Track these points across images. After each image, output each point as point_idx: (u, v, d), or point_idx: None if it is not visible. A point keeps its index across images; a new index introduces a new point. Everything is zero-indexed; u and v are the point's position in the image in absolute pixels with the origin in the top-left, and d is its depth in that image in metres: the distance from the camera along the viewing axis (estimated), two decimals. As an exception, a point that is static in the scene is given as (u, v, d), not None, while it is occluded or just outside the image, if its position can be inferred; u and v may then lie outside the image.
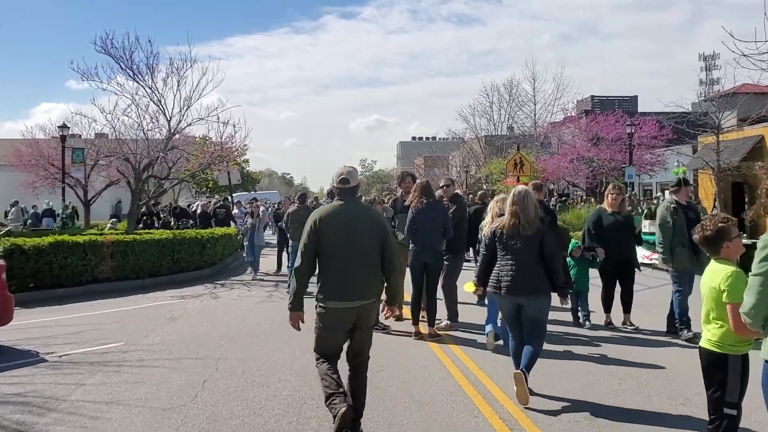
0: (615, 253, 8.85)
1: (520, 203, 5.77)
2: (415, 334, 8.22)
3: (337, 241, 4.73)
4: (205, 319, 10.07)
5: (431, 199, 8.18)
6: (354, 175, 4.98)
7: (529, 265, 5.69)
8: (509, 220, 5.79)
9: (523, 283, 5.68)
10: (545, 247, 5.71)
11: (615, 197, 9.04)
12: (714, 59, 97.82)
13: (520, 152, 22.81)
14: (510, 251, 5.76)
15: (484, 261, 6.01)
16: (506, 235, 5.77)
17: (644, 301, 10.99)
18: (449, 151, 57.75)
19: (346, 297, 4.70)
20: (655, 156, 28.89)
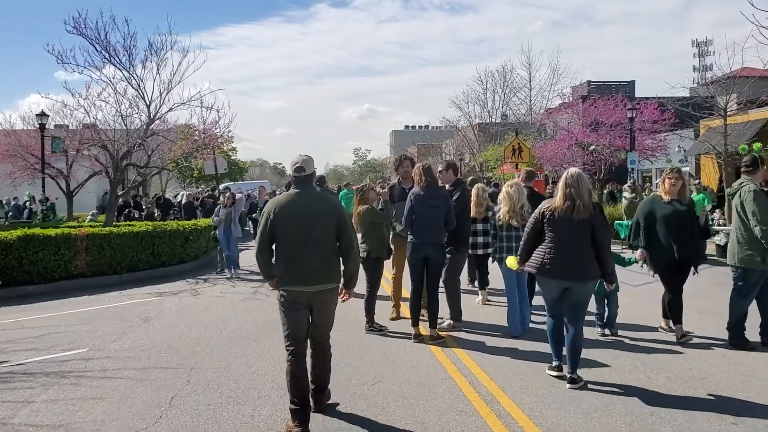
0: (671, 252, 7.12)
1: (574, 185, 5.62)
2: (414, 337, 7.33)
3: (293, 228, 4.87)
4: (182, 320, 9.16)
5: (432, 184, 7.27)
6: (309, 163, 5.08)
7: (579, 249, 5.62)
8: (563, 203, 5.64)
9: (572, 267, 5.61)
10: (597, 233, 5.63)
11: (674, 182, 7.27)
12: (707, 45, 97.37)
13: (518, 137, 21.88)
14: (561, 234, 5.67)
15: (528, 241, 5.92)
16: (558, 217, 5.65)
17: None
18: (443, 140, 56.82)
19: (303, 282, 4.86)
20: (657, 141, 28.01)
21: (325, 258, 4.91)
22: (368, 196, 8.03)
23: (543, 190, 19.58)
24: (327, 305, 5.03)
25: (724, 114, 19.08)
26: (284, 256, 4.92)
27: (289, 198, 4.97)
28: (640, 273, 12.57)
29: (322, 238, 4.89)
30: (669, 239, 7.14)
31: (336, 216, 4.98)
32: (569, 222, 5.61)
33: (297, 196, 4.96)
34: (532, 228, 5.91)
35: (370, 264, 7.85)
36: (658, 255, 7.28)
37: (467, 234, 8.11)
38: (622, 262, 7.76)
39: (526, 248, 5.97)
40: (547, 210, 5.77)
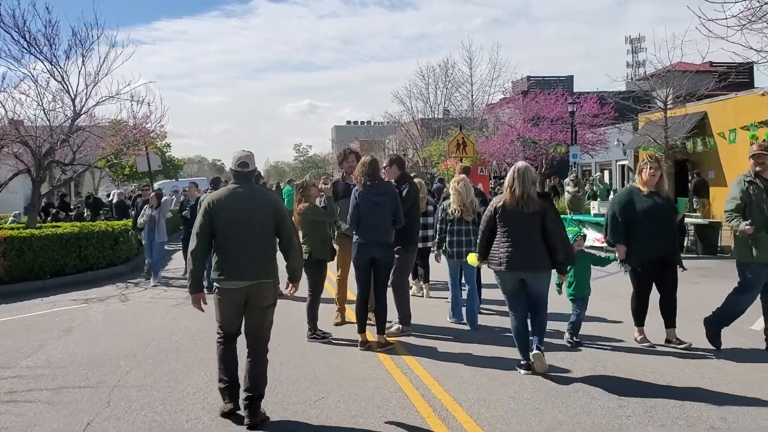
0: (650, 248, 6.67)
1: (520, 178, 5.75)
2: (361, 344, 6.81)
3: (231, 223, 4.87)
4: (108, 330, 8.40)
5: (378, 180, 6.76)
6: (252, 159, 5.11)
7: (532, 241, 5.74)
8: (511, 197, 5.77)
9: (525, 259, 5.73)
10: (548, 223, 5.74)
11: (653, 172, 6.63)
12: (640, 42, 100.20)
13: (462, 132, 21.62)
14: (513, 227, 5.78)
15: (484, 237, 6.01)
16: (509, 210, 5.77)
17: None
18: (385, 135, 56.41)
19: (239, 276, 4.83)
20: (597, 135, 28.27)
21: (262, 253, 4.90)
22: (310, 193, 7.45)
23: (487, 186, 19.33)
24: (261, 300, 4.94)
25: (665, 107, 19.25)
26: (222, 251, 4.89)
27: (227, 193, 4.96)
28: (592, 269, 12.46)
29: (260, 234, 4.89)
30: (650, 234, 6.59)
31: (274, 211, 4.97)
32: (520, 215, 5.73)
33: (236, 191, 4.95)
34: (486, 224, 5.98)
35: (312, 267, 7.29)
36: (636, 252, 6.72)
37: (416, 232, 7.65)
38: (601, 262, 7.27)
39: (482, 244, 6.04)
40: (498, 205, 5.86)
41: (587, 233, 16.72)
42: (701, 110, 23.08)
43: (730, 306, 6.72)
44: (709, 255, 14.73)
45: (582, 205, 18.97)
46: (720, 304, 6.84)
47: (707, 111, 22.83)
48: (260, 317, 4.96)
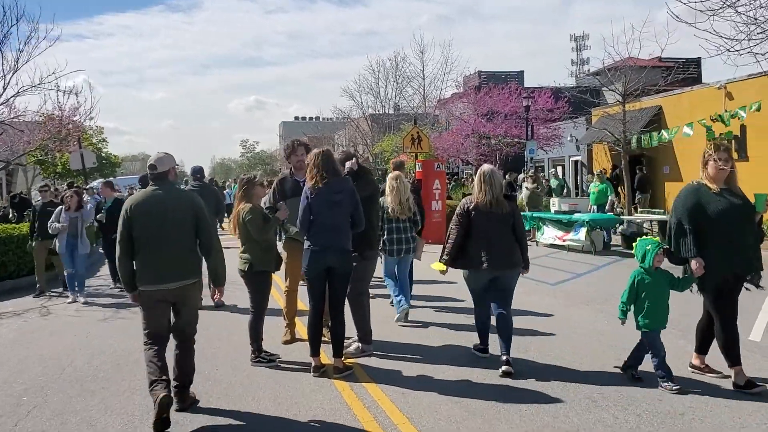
0: (730, 260, 5.26)
1: (490, 181, 5.91)
2: (314, 369, 5.80)
3: (148, 226, 4.83)
4: (17, 353, 7.18)
5: (334, 176, 5.77)
6: (164, 161, 5.06)
7: (506, 240, 5.93)
8: (483, 198, 5.90)
9: (504, 258, 5.89)
10: (517, 224, 6.03)
11: (723, 165, 5.27)
12: (584, 39, 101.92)
13: (417, 126, 20.77)
14: (488, 228, 5.90)
15: (458, 239, 6.01)
16: (482, 212, 5.89)
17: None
18: (335, 131, 55.22)
19: (161, 280, 4.82)
20: (551, 130, 27.85)
21: (182, 255, 4.91)
22: (253, 192, 6.38)
23: (444, 183, 18.53)
24: (189, 300, 5.03)
25: (623, 100, 18.79)
26: (142, 254, 4.86)
27: (144, 195, 4.95)
28: (557, 270, 11.86)
29: (179, 235, 4.89)
30: (729, 243, 5.21)
31: (192, 211, 4.98)
32: (493, 215, 5.85)
33: (152, 192, 4.93)
34: (460, 226, 5.99)
35: (253, 279, 6.24)
36: (712, 266, 5.25)
37: (376, 234, 6.69)
38: (681, 284, 5.61)
39: (456, 247, 6.02)
40: (470, 207, 5.95)
41: (546, 231, 16.10)
42: (656, 104, 22.85)
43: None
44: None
45: (540, 201, 18.36)
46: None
47: (662, 105, 22.61)
48: (188, 317, 5.04)
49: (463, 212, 5.95)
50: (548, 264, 12.86)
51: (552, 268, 12.24)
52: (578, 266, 12.35)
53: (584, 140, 26.97)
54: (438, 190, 17.58)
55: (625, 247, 15.24)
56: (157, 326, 4.92)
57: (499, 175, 6.09)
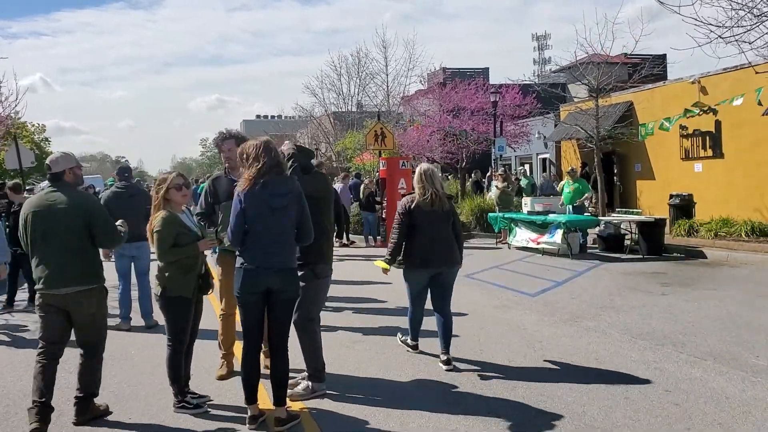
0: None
1: (429, 179, 5.95)
2: (250, 420, 4.53)
3: (37, 228, 4.65)
4: None
5: (276, 174, 4.54)
6: (59, 161, 4.81)
7: (447, 237, 5.99)
8: (424, 196, 5.91)
9: (445, 256, 5.95)
10: (455, 221, 6.12)
11: None
12: (546, 39, 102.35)
13: (380, 122, 19.62)
14: (429, 226, 5.92)
15: (401, 238, 6.01)
16: (423, 210, 5.89)
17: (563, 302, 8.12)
18: (297, 129, 53.73)
19: (51, 284, 4.61)
20: (519, 127, 26.93)
21: (72, 260, 4.62)
22: (172, 198, 5.07)
23: (410, 182, 17.41)
24: (83, 308, 4.68)
25: (597, 94, 17.91)
26: (35, 257, 4.69)
27: (38, 197, 4.82)
28: (535, 277, 10.79)
29: (68, 239, 4.62)
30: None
31: (83, 215, 4.66)
32: (434, 214, 5.90)
33: (46, 194, 4.77)
34: (402, 224, 5.98)
35: (168, 306, 4.94)
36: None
37: (330, 244, 5.48)
38: None
39: (398, 245, 6.02)
40: (411, 206, 5.93)
41: (519, 233, 15.09)
42: (627, 100, 22.09)
43: None
44: (655, 255, 13.36)
45: (511, 201, 17.34)
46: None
47: (633, 100, 21.86)
48: (84, 328, 4.73)
49: (405, 211, 5.94)
50: (524, 270, 11.82)
51: (528, 274, 11.20)
52: (557, 272, 11.33)
53: (553, 137, 26.14)
54: (404, 190, 16.43)
55: (602, 249, 14.32)
56: (48, 334, 4.67)
57: (438, 173, 6.04)
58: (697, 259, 12.90)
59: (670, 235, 15.10)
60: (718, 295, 8.91)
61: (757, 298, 8.69)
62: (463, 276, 11.05)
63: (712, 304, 8.30)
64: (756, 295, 8.85)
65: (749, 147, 16.99)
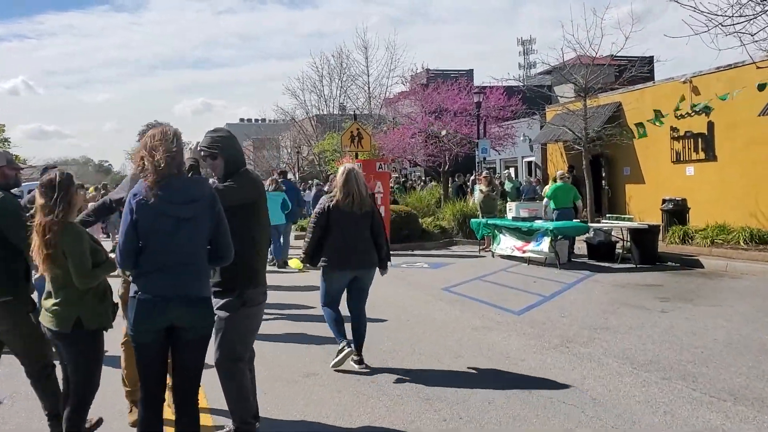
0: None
1: (352, 180, 5.79)
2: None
3: None
4: None
5: (181, 172, 3.49)
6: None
7: (365, 239, 5.89)
8: (344, 197, 5.77)
9: (362, 258, 5.88)
10: (375, 223, 5.96)
11: None
12: (531, 43, 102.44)
13: (357, 123, 18.58)
14: (347, 227, 5.82)
15: (315, 238, 5.91)
16: (343, 211, 5.78)
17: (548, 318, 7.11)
18: (280, 133, 52.55)
19: None
20: (504, 129, 25.97)
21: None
22: (70, 200, 3.98)
23: (387, 185, 16.39)
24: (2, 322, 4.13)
25: (585, 94, 17.01)
26: None
27: None
28: (520, 290, 9.78)
29: None
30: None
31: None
32: (354, 215, 5.78)
33: None
34: (317, 225, 5.90)
35: (80, 343, 3.81)
36: None
37: (263, 263, 4.39)
38: None
39: (312, 245, 5.95)
40: (330, 206, 5.81)
41: (503, 240, 14.09)
42: (615, 100, 21.23)
43: None
44: (648, 265, 12.43)
45: (496, 206, 16.32)
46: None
47: (621, 101, 20.99)
48: (12, 344, 4.22)
49: (323, 211, 5.85)
50: (508, 281, 10.82)
51: (513, 287, 10.20)
52: (544, 285, 10.33)
53: (539, 139, 25.23)
54: (380, 194, 15.37)
55: (591, 258, 13.37)
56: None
57: (361, 174, 5.99)
58: (693, 268, 11.98)
59: (664, 242, 14.19)
60: (724, 313, 7.95)
61: (766, 316, 7.75)
62: (442, 289, 10.06)
63: (718, 324, 7.34)
64: (765, 313, 7.90)
65: (743, 148, 16.15)
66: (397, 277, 11.68)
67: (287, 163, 47.05)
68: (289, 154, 46.51)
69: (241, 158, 4.30)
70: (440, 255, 15.20)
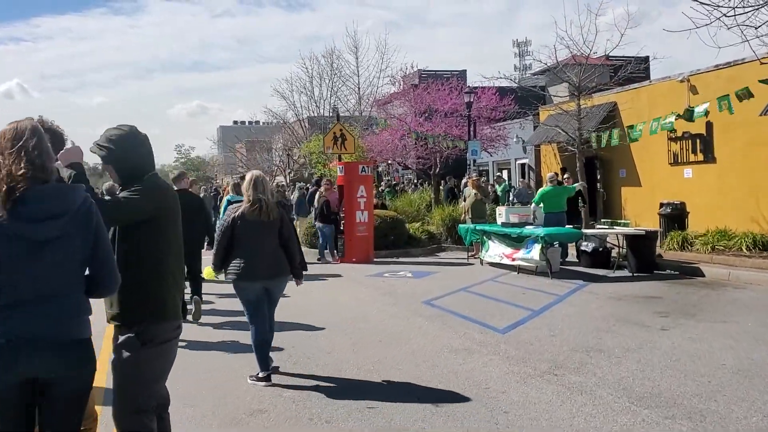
0: None
1: (259, 188, 5.66)
2: None
3: None
4: None
5: (43, 181, 2.70)
6: None
7: (275, 248, 5.73)
8: (252, 206, 5.62)
9: (272, 267, 5.71)
10: (284, 230, 5.80)
11: None
12: (527, 45, 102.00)
13: (340, 123, 17.81)
14: (254, 236, 5.66)
15: (222, 248, 5.75)
16: (249, 220, 5.62)
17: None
18: (271, 135, 51.71)
19: None
20: (496, 130, 25.21)
21: None
22: None
23: (371, 189, 15.60)
24: None
25: (578, 93, 16.27)
26: None
27: None
28: (508, 303, 8.88)
29: None
30: None
31: None
32: (261, 223, 5.66)
33: None
34: (223, 234, 5.74)
35: None
36: None
37: (177, 288, 3.57)
38: None
39: (220, 255, 5.78)
40: (237, 215, 5.66)
41: (492, 247, 13.30)
42: (610, 100, 20.50)
43: None
44: (645, 273, 11.67)
45: (486, 211, 15.51)
46: None
47: (617, 101, 20.26)
48: None
49: (230, 220, 5.70)
50: (495, 293, 10.04)
51: (499, 299, 9.43)
52: (534, 297, 9.56)
53: (532, 141, 24.49)
54: (364, 198, 14.59)
55: (585, 265, 12.62)
56: None
57: (268, 180, 5.90)
58: (693, 277, 11.24)
59: (662, 248, 13.44)
60: (731, 331, 7.19)
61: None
62: (422, 302, 9.29)
63: (725, 345, 6.57)
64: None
65: (744, 150, 15.43)
66: (377, 288, 10.91)
67: (278, 166, 46.36)
68: (280, 156, 45.78)
69: (143, 162, 3.50)
70: (426, 262, 14.42)
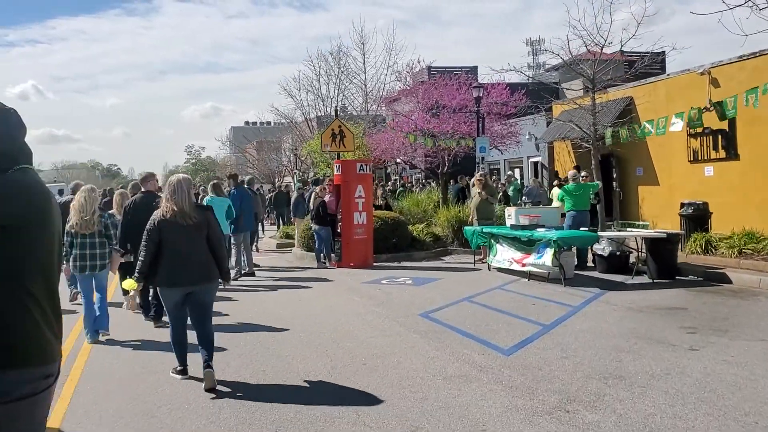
0: None
1: (178, 192, 5.63)
2: None
3: None
4: None
5: None
6: None
7: (200, 252, 5.66)
8: (171, 210, 5.62)
9: (197, 273, 5.63)
10: (211, 234, 5.74)
11: None
12: (540, 44, 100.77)
13: (338, 119, 16.90)
14: (177, 241, 5.62)
15: (149, 255, 5.68)
16: (171, 225, 5.60)
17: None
18: (281, 135, 50.99)
19: None
20: (507, 126, 24.18)
21: None
22: None
23: (370, 189, 14.68)
24: None
25: (593, 86, 15.28)
26: None
27: None
28: (515, 317, 7.90)
29: None
30: None
31: None
32: (183, 228, 5.58)
33: None
34: (149, 240, 5.68)
35: None
36: None
37: (41, 326, 2.59)
38: None
39: (147, 262, 5.69)
40: (159, 220, 5.64)
41: (500, 252, 12.36)
42: (627, 95, 19.47)
43: None
44: (666, 280, 10.70)
45: (493, 212, 14.49)
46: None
47: (633, 96, 19.23)
48: None
49: (153, 226, 5.63)
50: (502, 304, 9.10)
51: (506, 312, 8.49)
52: (545, 309, 8.62)
53: (545, 138, 23.47)
54: (362, 199, 13.68)
55: (602, 271, 11.66)
56: None
57: (188, 184, 5.78)
58: (720, 284, 10.25)
59: (683, 252, 12.44)
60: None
61: (827, 355, 6.02)
62: (419, 314, 8.37)
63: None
64: (824, 351, 6.17)
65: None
66: (371, 297, 9.99)
67: (286, 166, 45.80)
68: (288, 156, 45.14)
69: (8, 148, 2.62)
70: (429, 267, 13.46)
